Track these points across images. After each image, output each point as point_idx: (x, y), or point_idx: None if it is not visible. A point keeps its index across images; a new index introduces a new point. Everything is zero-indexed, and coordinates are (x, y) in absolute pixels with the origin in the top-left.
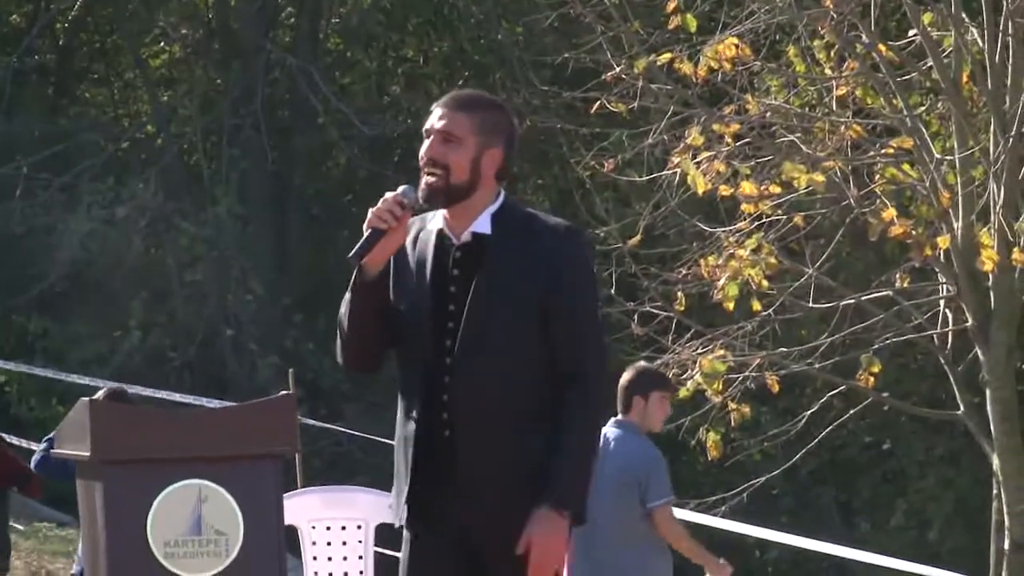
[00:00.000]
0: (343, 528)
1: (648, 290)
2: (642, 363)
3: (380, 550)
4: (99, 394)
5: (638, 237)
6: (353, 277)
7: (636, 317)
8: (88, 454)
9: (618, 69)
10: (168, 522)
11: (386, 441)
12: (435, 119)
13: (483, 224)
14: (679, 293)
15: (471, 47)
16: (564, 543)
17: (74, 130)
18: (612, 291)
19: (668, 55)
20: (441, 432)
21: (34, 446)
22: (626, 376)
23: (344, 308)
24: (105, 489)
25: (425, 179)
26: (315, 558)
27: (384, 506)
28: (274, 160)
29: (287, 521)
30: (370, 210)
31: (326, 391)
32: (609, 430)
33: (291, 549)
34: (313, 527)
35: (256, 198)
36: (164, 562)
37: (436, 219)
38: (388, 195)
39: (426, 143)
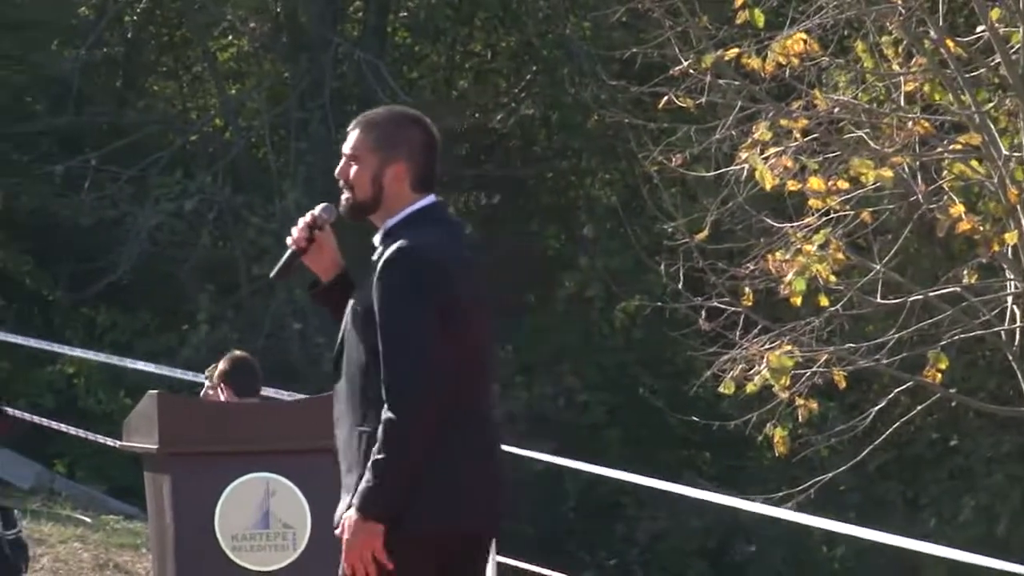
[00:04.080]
0: None
1: (715, 285)
2: None
3: None
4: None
5: (705, 232)
6: (308, 289)
7: (703, 312)
8: (156, 447)
9: (686, 64)
10: (236, 515)
11: None
12: (347, 140)
13: (379, 237)
14: (746, 288)
15: (539, 42)
16: (359, 541)
17: (142, 123)
18: (680, 286)
19: (736, 50)
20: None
21: (101, 439)
22: None
23: None
24: (173, 482)
25: (342, 197)
26: None
27: None
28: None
29: None
30: (290, 229)
31: None
32: None
33: None
34: None
35: (323, 192)
36: (232, 555)
37: None
38: (306, 215)
39: (340, 163)
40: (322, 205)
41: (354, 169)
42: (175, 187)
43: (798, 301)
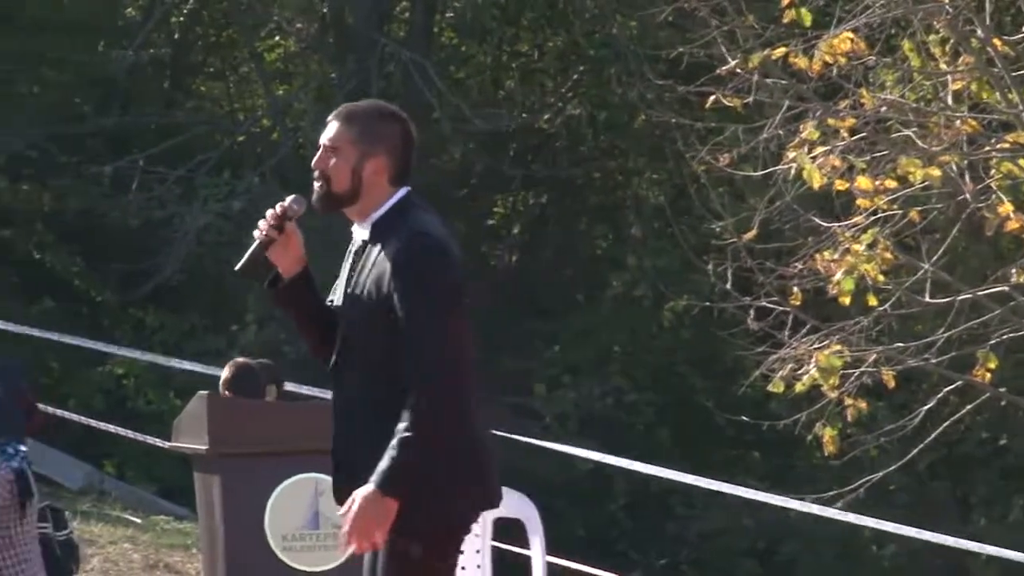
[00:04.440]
0: None
1: (763, 285)
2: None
3: (497, 544)
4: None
5: (753, 232)
6: (267, 285)
7: (752, 312)
8: (205, 448)
9: (733, 63)
10: (286, 516)
11: (500, 434)
12: (325, 131)
13: (366, 231)
14: (795, 288)
15: (585, 41)
16: (378, 524)
17: (190, 124)
18: (728, 286)
19: (783, 49)
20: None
21: (150, 440)
22: None
23: None
24: (223, 482)
25: (314, 187)
26: None
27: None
28: None
29: None
30: (258, 222)
31: None
32: None
33: None
34: None
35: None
36: (282, 555)
37: None
38: (274, 207)
39: (317, 154)
40: (292, 196)
41: (333, 161)
42: (223, 188)
43: (847, 301)
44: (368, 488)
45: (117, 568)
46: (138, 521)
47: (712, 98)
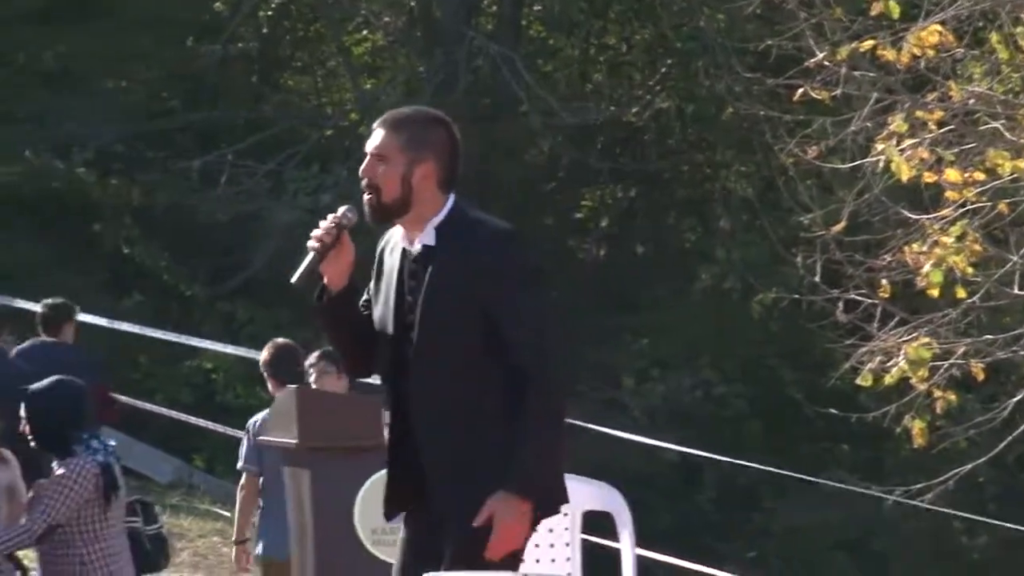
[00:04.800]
0: None
1: (852, 277)
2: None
3: (586, 537)
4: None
5: (842, 224)
6: (316, 297)
7: (840, 305)
8: (295, 441)
9: (821, 56)
10: (375, 509)
11: (590, 427)
12: (371, 139)
13: (429, 236)
14: (883, 280)
15: (673, 34)
16: (524, 527)
17: (278, 118)
18: (816, 278)
19: (871, 42)
20: (406, 429)
21: (239, 434)
22: None
23: None
24: (312, 476)
25: (364, 198)
26: None
27: (590, 494)
28: (476, 148)
29: None
30: (312, 232)
31: None
32: None
33: None
34: None
35: (458, 186)
36: (372, 549)
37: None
38: (328, 218)
39: (364, 163)
40: (345, 206)
41: (382, 169)
42: (311, 181)
43: (935, 293)
44: (505, 494)
45: (207, 562)
46: (227, 515)
47: (800, 91)
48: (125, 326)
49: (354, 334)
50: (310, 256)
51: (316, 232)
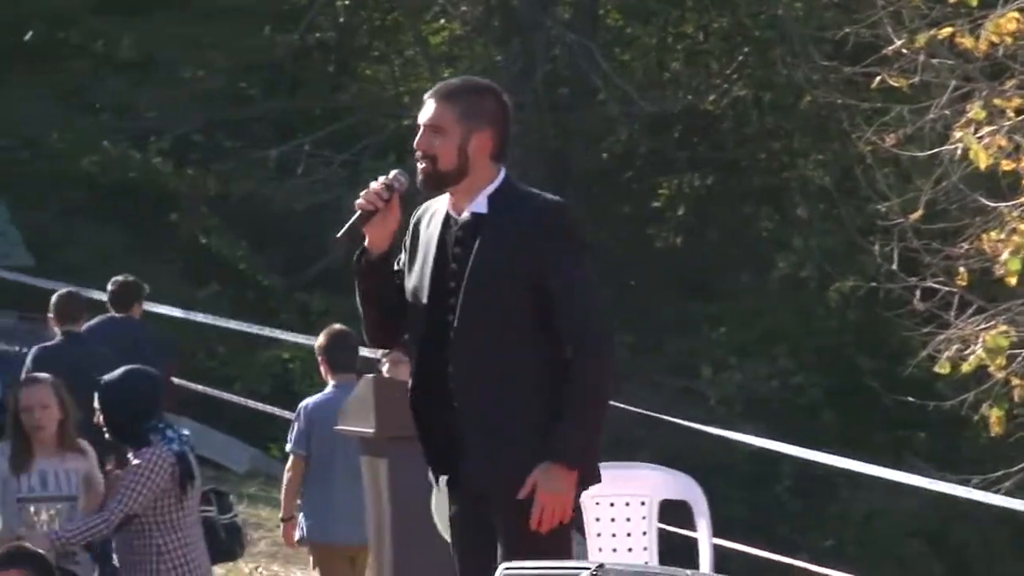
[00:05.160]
0: (627, 504)
1: (930, 265)
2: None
3: (663, 526)
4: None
5: (920, 212)
6: (355, 259)
7: (918, 293)
8: (373, 431)
9: (899, 43)
10: None
11: (668, 419)
12: (424, 111)
13: (480, 204)
14: (961, 268)
15: (751, 22)
16: (571, 497)
17: (355, 107)
18: (894, 266)
19: (949, 29)
20: (448, 398)
21: None
22: None
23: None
24: (389, 465)
25: (418, 168)
26: (599, 534)
27: (667, 483)
28: (554, 137)
29: None
30: (360, 193)
31: None
32: None
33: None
34: (597, 503)
35: (536, 175)
36: (449, 538)
37: (443, 201)
38: (379, 179)
39: (418, 135)
40: (396, 170)
41: (438, 141)
42: (387, 171)
43: (1013, 281)
44: (552, 464)
45: (283, 551)
46: None
47: (878, 78)
48: (200, 317)
49: (384, 301)
50: (356, 214)
51: (366, 192)
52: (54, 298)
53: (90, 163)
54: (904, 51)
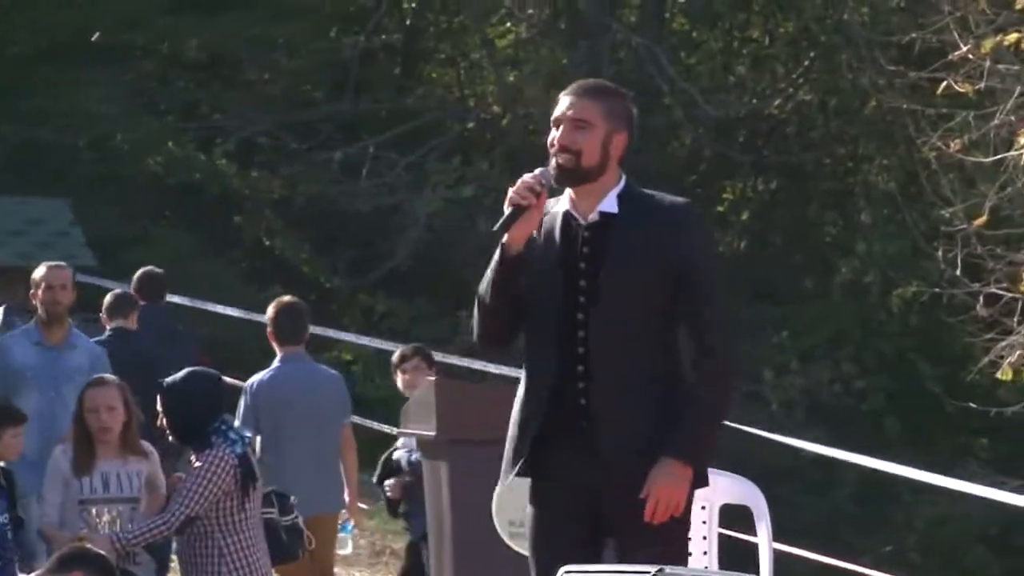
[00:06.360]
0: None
1: (993, 271)
2: None
3: (724, 531)
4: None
5: (984, 218)
6: (497, 254)
7: (981, 298)
8: (434, 433)
9: (965, 49)
10: (513, 502)
11: (731, 424)
12: (565, 107)
13: (610, 204)
14: None
15: (817, 27)
16: (685, 492)
17: (420, 110)
18: (957, 272)
19: (1015, 35)
20: (577, 400)
21: (377, 425)
22: None
23: (485, 284)
24: (451, 468)
25: (557, 161)
26: None
27: (729, 487)
28: None
29: None
30: (509, 189)
31: None
32: None
33: None
34: None
35: None
36: (510, 542)
37: (559, 203)
38: (526, 175)
39: (557, 130)
40: (541, 168)
41: (582, 135)
42: (453, 174)
43: None
44: (670, 459)
45: (344, 555)
46: (365, 508)
47: (944, 84)
48: (262, 318)
49: (516, 300)
50: (510, 209)
51: (518, 187)
52: (107, 297)
53: (155, 164)
54: (970, 56)
